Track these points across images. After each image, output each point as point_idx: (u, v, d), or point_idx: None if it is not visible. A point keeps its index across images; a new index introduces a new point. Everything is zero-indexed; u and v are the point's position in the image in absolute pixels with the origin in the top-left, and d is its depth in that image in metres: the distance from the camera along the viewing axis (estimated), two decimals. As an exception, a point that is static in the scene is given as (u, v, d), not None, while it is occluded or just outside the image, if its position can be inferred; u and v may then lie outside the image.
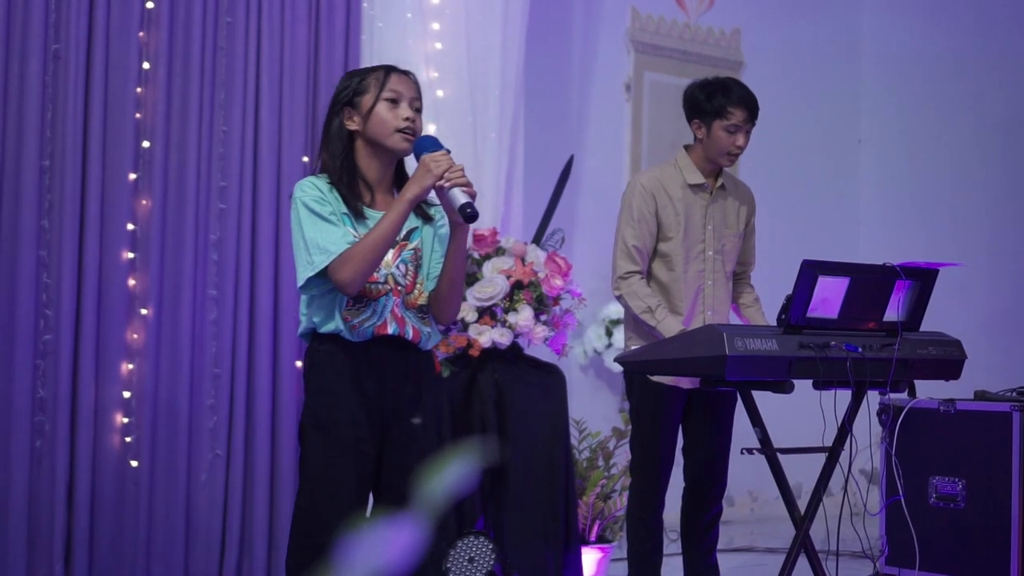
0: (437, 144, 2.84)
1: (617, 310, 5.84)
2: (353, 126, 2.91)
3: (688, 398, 4.04)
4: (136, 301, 4.41)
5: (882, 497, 4.43)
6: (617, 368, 5.50)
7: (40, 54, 4.24)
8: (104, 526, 4.33)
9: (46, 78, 4.26)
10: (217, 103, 4.56)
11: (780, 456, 3.69)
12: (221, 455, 4.53)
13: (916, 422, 4.44)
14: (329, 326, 2.86)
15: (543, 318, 4.60)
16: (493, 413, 4.49)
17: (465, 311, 4.47)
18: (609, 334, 6.01)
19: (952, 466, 4.55)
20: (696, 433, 4.11)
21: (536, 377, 4.62)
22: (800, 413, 3.76)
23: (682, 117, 4.14)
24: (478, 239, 4.59)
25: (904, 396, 4.10)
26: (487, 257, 4.61)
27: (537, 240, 4.91)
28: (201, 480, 4.50)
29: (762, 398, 3.64)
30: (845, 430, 3.70)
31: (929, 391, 4.50)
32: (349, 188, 2.88)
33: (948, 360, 3.78)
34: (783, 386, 3.49)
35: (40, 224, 4.25)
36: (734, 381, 3.51)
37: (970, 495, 4.50)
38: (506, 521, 4.44)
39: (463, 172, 2.78)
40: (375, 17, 4.84)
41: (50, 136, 4.28)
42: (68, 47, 4.27)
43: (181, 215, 4.47)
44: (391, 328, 2.87)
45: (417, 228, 2.96)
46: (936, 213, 6.99)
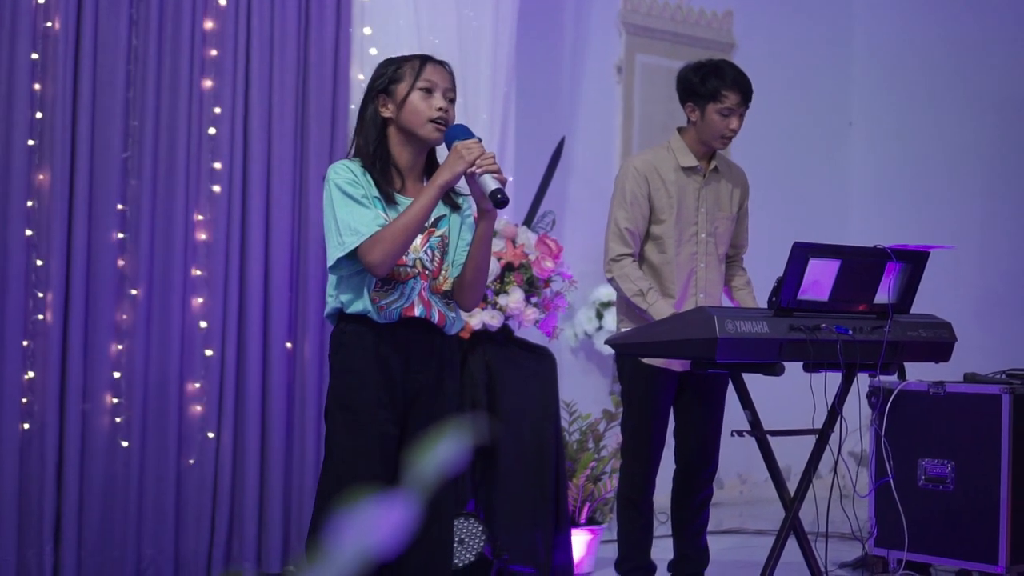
0: (468, 132, 2.89)
1: (608, 292, 5.84)
2: (387, 113, 2.94)
3: (680, 381, 4.05)
4: (126, 282, 4.40)
5: (871, 479, 4.44)
6: (608, 351, 5.51)
7: (29, 33, 4.22)
8: (94, 507, 4.32)
9: (34, 57, 4.24)
10: (207, 84, 4.54)
11: (770, 438, 3.69)
12: (211, 436, 4.53)
13: (906, 404, 4.45)
14: (357, 306, 2.88)
15: (534, 300, 4.60)
16: (483, 395, 4.49)
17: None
18: (600, 316, 6.01)
19: (941, 448, 4.56)
20: (687, 416, 4.12)
21: (527, 359, 4.62)
22: (790, 395, 3.77)
23: (674, 99, 4.13)
24: (469, 221, 4.58)
25: (894, 378, 4.11)
26: (478, 239, 4.59)
27: (528, 222, 4.90)
28: (191, 461, 4.50)
29: (752, 380, 3.64)
30: (835, 412, 3.71)
31: (919, 373, 4.51)
32: (381, 174, 2.91)
33: (938, 342, 3.79)
34: (774, 368, 3.49)
35: (28, 205, 4.23)
36: (724, 363, 3.51)
37: (959, 477, 4.51)
38: (496, 503, 4.44)
39: (494, 159, 2.82)
40: (366, -3, 4.83)
41: (39, 116, 4.26)
42: (57, 25, 4.24)
43: (171, 196, 4.46)
44: (418, 310, 2.90)
45: (445, 216, 2.99)
46: (926, 195, 7.00)
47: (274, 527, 4.61)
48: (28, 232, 4.24)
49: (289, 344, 4.66)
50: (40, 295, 4.25)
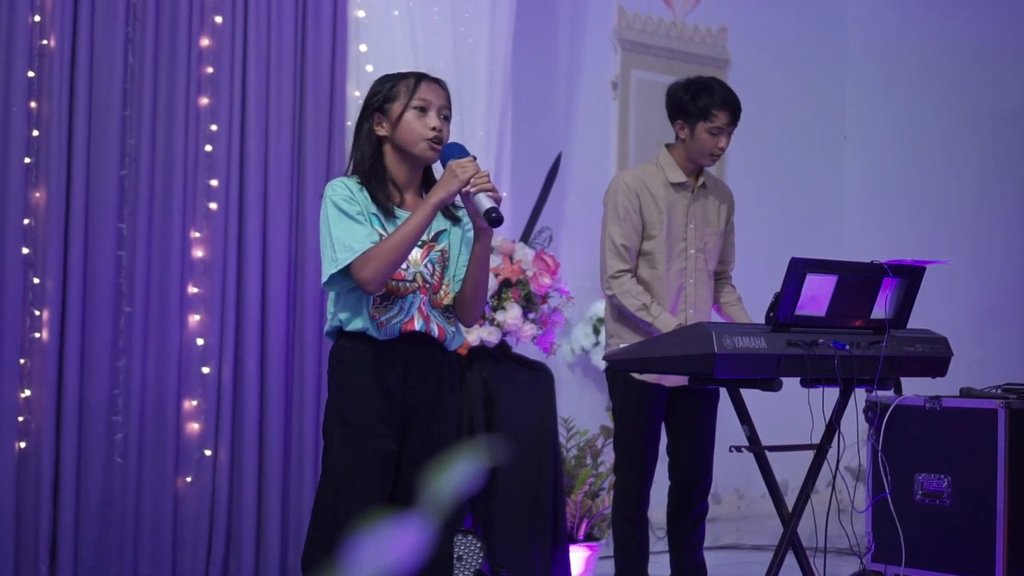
0: (463, 151, 2.89)
1: (604, 308, 5.84)
2: (382, 132, 2.95)
3: (670, 396, 4.06)
4: (123, 299, 4.40)
5: (868, 494, 4.44)
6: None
7: (26, 51, 4.22)
8: (90, 525, 4.31)
9: (31, 75, 4.25)
10: (203, 101, 4.55)
11: (768, 453, 3.70)
12: (208, 454, 4.52)
13: (902, 419, 4.45)
14: (356, 324, 2.88)
15: (531, 316, 4.60)
16: (481, 411, 4.49)
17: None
18: (597, 332, 6.01)
19: (938, 463, 4.56)
20: (679, 431, 4.12)
21: (524, 375, 4.63)
22: (788, 411, 3.77)
23: (670, 114, 4.14)
24: (466, 237, 4.59)
25: (891, 393, 4.12)
26: (475, 255, 4.60)
27: (525, 238, 4.91)
28: (188, 479, 4.49)
29: (750, 396, 3.64)
30: (832, 427, 3.71)
31: (915, 388, 4.52)
32: (379, 189, 2.92)
33: (934, 357, 3.80)
34: (771, 384, 3.49)
35: (25, 223, 4.23)
36: (722, 379, 3.51)
37: (956, 492, 4.51)
38: (494, 519, 4.44)
39: (488, 178, 2.82)
40: (361, 15, 4.84)
41: (36, 134, 4.26)
42: (53, 43, 4.25)
43: (168, 213, 4.46)
44: (417, 324, 2.90)
45: (445, 230, 2.99)
46: (921, 210, 7.01)
47: (272, 545, 4.60)
48: (25, 250, 4.24)
49: (286, 361, 4.66)
50: (37, 313, 4.25)
